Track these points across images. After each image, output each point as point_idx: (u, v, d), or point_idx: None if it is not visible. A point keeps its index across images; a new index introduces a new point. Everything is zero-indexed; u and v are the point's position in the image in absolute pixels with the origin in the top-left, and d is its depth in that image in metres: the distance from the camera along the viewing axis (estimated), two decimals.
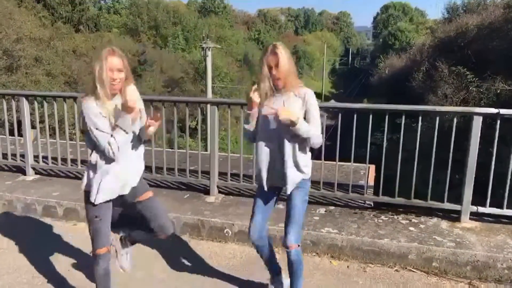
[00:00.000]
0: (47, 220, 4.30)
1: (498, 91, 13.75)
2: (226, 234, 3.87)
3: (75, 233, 4.01)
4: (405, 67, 29.23)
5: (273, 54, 2.50)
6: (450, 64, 17.09)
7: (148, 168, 4.69)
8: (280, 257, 3.03)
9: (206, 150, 6.99)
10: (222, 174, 4.57)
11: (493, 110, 3.70)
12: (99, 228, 2.59)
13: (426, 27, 43.66)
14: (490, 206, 3.81)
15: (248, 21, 60.99)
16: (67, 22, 29.35)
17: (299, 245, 2.65)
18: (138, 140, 2.61)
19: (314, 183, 4.31)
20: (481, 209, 3.82)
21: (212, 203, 4.35)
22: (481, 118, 3.68)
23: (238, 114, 4.41)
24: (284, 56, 2.51)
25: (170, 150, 5.22)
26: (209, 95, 22.57)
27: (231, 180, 4.54)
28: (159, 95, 25.23)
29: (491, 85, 14.06)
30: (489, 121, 3.89)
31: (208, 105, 4.46)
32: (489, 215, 3.86)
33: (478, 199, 3.85)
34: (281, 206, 3.02)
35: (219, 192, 4.56)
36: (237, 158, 4.70)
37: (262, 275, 3.27)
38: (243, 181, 4.50)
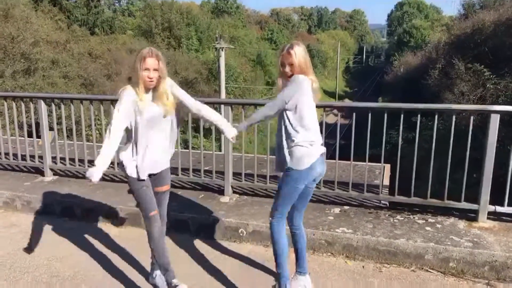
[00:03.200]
0: (65, 220, 4.37)
1: None
2: (241, 234, 3.88)
3: (93, 233, 4.07)
4: (421, 65, 28.84)
5: (288, 53, 2.70)
6: (467, 61, 16.80)
7: None
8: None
9: (220, 151, 7.02)
10: (236, 174, 4.59)
11: (510, 108, 3.64)
12: (146, 195, 2.87)
13: (441, 24, 42.97)
14: (508, 205, 3.75)
15: (261, 20, 60.95)
16: (82, 25, 29.81)
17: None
18: (170, 126, 2.91)
19: (329, 183, 4.32)
20: (499, 209, 3.76)
21: (226, 203, 4.37)
22: (498, 116, 3.62)
23: (250, 114, 4.41)
24: (298, 54, 2.68)
25: (185, 150, 5.26)
26: (223, 95, 22.63)
27: (245, 180, 4.55)
28: None
29: (509, 82, 13.77)
30: (507, 118, 3.82)
31: (222, 106, 4.47)
32: (507, 214, 3.80)
33: (496, 198, 3.79)
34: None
35: (234, 192, 4.58)
36: (251, 158, 4.72)
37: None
38: (257, 181, 4.51)
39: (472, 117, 3.85)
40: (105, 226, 4.24)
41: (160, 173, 2.97)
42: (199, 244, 3.84)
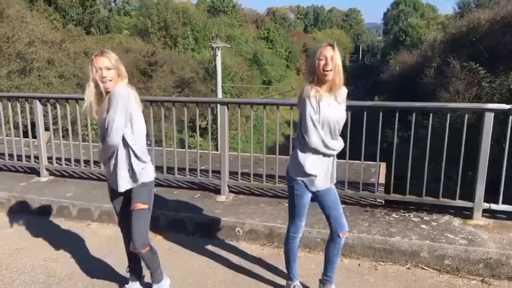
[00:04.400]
0: (61, 221, 4.37)
1: (511, 87, 13.54)
2: (237, 233, 3.89)
3: (89, 233, 4.07)
4: (416, 64, 28.93)
5: (330, 47, 2.57)
6: (462, 59, 16.89)
7: (159, 168, 4.75)
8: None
9: (216, 150, 7.03)
10: (232, 174, 4.60)
11: (505, 106, 3.66)
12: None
13: (437, 22, 43.12)
14: (503, 203, 3.78)
15: (257, 19, 60.88)
16: (78, 25, 29.70)
17: None
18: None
19: None
20: (493, 206, 3.79)
21: (223, 202, 4.37)
22: (492, 114, 3.65)
23: (248, 113, 4.43)
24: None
25: (181, 150, 5.27)
26: (219, 94, 22.62)
27: (241, 179, 4.56)
28: (170, 95, 25.36)
29: (504, 81, 13.86)
30: (502, 117, 3.85)
31: (218, 105, 4.48)
32: (501, 212, 3.83)
33: (491, 196, 3.82)
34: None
35: (230, 191, 4.59)
36: (247, 157, 4.72)
37: (274, 273, 3.30)
38: (253, 180, 4.52)
39: (466, 116, 3.87)
40: (101, 226, 4.24)
41: None
42: (195, 243, 3.84)
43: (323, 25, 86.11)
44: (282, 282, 3.12)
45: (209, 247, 3.76)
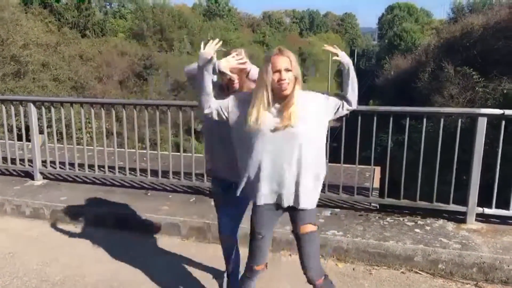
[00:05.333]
0: (55, 225, 4.34)
1: (505, 91, 13.65)
2: None
3: (83, 238, 4.05)
4: (411, 68, 29.08)
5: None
6: (456, 64, 17.01)
7: (154, 172, 4.75)
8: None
9: None
10: None
11: (497, 111, 3.69)
12: None
13: (431, 27, 43.48)
14: (496, 207, 3.80)
15: (253, 23, 61.10)
16: (73, 28, 29.66)
17: None
18: None
19: None
20: (487, 211, 3.81)
21: None
22: (485, 119, 3.67)
23: None
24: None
25: (176, 154, 5.26)
26: None
27: None
28: (166, 99, 25.34)
29: (497, 85, 13.96)
30: (495, 121, 3.88)
31: None
32: (495, 216, 3.85)
33: (485, 200, 3.84)
34: None
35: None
36: None
37: (269, 276, 3.29)
38: None
39: (460, 120, 3.90)
40: (94, 230, 4.22)
41: None
42: (190, 247, 3.83)
43: (318, 29, 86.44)
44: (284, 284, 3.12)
45: (204, 251, 3.75)
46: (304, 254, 2.35)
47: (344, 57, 2.29)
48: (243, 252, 2.68)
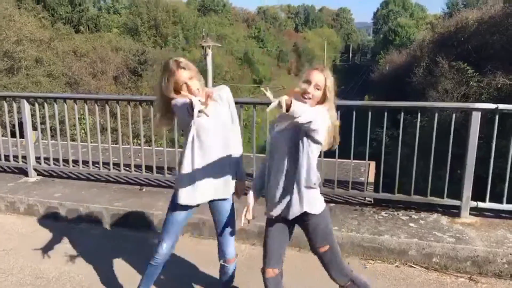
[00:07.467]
0: (49, 221, 4.33)
1: (499, 86, 13.72)
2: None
3: (77, 234, 4.04)
4: (406, 63, 29.17)
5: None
6: (451, 59, 17.06)
7: (149, 168, 4.74)
8: None
9: None
10: None
11: (491, 106, 3.71)
12: None
13: (426, 22, 43.51)
14: (489, 201, 3.83)
15: (248, 18, 60.86)
16: (67, 23, 29.44)
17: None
18: None
19: None
20: (480, 204, 3.84)
21: None
22: (479, 114, 3.69)
23: (238, 112, 4.42)
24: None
25: (171, 149, 5.24)
26: None
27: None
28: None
29: (491, 80, 14.03)
30: (489, 115, 3.90)
31: None
32: (489, 210, 3.88)
33: (479, 194, 3.86)
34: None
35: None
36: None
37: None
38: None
39: (454, 115, 3.91)
40: (89, 226, 4.21)
41: None
42: (188, 243, 3.83)
43: (313, 24, 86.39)
44: None
45: (199, 247, 3.76)
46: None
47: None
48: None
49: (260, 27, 54.70)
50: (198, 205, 2.63)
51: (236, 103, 4.90)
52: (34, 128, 5.32)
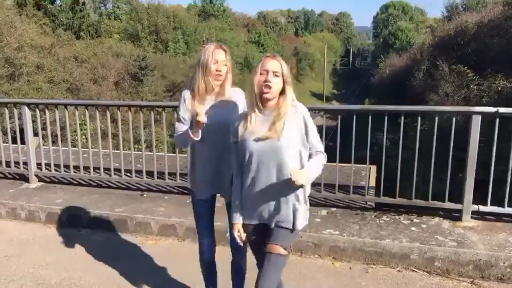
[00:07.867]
0: (51, 227, 4.33)
1: (500, 89, 13.72)
2: (228, 238, 3.87)
3: (79, 240, 4.03)
4: (406, 67, 29.22)
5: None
6: (451, 62, 17.10)
7: (150, 174, 4.74)
8: None
9: None
10: None
11: (491, 109, 3.71)
12: None
13: (426, 26, 43.61)
14: (491, 204, 3.82)
15: (248, 23, 61.00)
16: (68, 29, 29.50)
17: None
18: None
19: (316, 185, 4.34)
20: (482, 208, 3.83)
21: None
22: (480, 117, 3.69)
23: None
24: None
25: (172, 155, 5.25)
26: None
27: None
28: (161, 100, 25.31)
29: (492, 83, 14.03)
30: (490, 119, 3.89)
31: None
32: (490, 213, 3.86)
33: (480, 198, 3.85)
34: None
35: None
36: None
37: None
38: None
39: (454, 118, 3.91)
40: (90, 232, 4.21)
41: None
42: (186, 248, 3.82)
43: (313, 29, 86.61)
44: None
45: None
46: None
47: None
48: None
49: (260, 32, 54.81)
50: (214, 196, 2.91)
51: None
52: (35, 134, 5.33)
